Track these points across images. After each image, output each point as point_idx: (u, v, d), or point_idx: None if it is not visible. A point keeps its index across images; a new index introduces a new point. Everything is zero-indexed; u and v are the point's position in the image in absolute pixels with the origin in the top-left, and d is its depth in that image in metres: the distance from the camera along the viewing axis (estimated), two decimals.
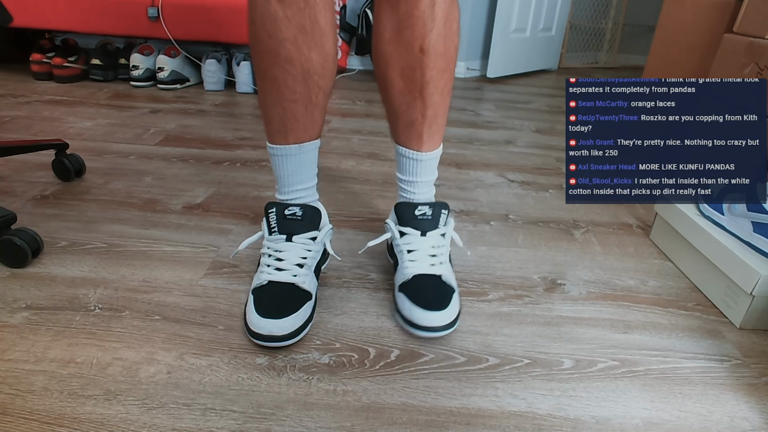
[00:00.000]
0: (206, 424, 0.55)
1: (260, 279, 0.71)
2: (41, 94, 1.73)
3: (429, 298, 0.70)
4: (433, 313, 0.68)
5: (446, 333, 0.69)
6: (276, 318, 0.65)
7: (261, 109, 0.74)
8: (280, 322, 0.65)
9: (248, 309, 0.68)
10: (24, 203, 0.99)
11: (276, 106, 0.71)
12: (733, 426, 0.59)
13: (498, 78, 2.48)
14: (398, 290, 0.73)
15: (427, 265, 0.74)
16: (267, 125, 0.74)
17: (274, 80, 0.68)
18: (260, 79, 0.71)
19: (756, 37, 1.23)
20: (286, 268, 0.71)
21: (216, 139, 1.43)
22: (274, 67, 0.67)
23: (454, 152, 1.45)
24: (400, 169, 0.82)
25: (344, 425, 0.56)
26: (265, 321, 0.65)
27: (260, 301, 0.68)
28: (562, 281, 0.86)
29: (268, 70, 0.68)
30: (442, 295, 0.71)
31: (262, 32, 0.65)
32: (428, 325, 0.68)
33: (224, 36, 1.82)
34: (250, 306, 0.68)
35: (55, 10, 1.79)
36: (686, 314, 0.80)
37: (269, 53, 0.66)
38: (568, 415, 0.59)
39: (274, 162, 0.76)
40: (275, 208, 0.73)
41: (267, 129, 0.74)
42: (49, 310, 0.70)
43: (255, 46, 0.68)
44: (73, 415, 0.55)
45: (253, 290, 0.70)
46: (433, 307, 0.69)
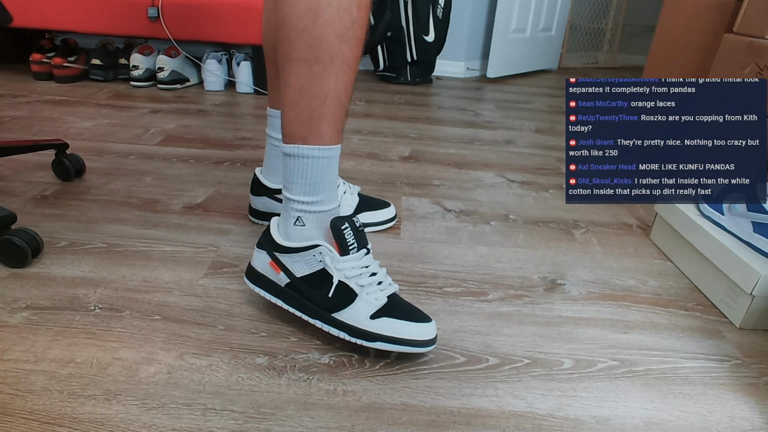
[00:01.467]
0: (206, 424, 0.55)
1: (379, 299, 0.65)
2: (41, 94, 1.73)
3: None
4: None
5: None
6: (426, 321, 0.65)
7: (314, 103, 0.62)
8: (431, 325, 0.66)
9: (397, 326, 0.64)
10: (24, 203, 0.99)
11: (345, 92, 0.63)
12: (733, 426, 0.59)
13: (498, 78, 2.48)
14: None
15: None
16: (323, 120, 0.63)
17: (345, 60, 0.61)
18: (324, 64, 0.61)
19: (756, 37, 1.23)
20: (384, 279, 0.67)
21: (216, 139, 1.43)
22: (343, 44, 0.60)
23: (454, 152, 1.45)
24: None
25: (344, 425, 0.56)
26: (421, 326, 0.64)
27: (404, 313, 0.65)
28: (562, 281, 0.86)
29: (339, 49, 0.60)
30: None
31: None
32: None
33: (224, 36, 1.82)
34: (399, 323, 0.64)
35: (55, 10, 1.78)
36: (686, 314, 0.80)
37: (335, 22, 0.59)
38: (568, 415, 0.59)
39: (318, 168, 0.65)
40: (347, 223, 0.65)
41: (318, 128, 0.64)
42: (49, 310, 0.70)
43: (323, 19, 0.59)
44: (73, 415, 0.55)
45: (385, 306, 0.65)
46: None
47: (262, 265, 0.70)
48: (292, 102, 0.63)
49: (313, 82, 0.61)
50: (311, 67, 0.60)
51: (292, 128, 0.65)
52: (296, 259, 0.66)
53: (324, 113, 0.63)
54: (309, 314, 0.67)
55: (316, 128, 0.63)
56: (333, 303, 0.65)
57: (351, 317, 0.65)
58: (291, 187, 0.67)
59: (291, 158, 0.65)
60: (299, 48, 0.60)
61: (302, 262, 0.66)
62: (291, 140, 0.65)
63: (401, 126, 1.66)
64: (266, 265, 0.69)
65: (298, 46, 0.60)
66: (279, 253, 0.68)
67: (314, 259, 0.65)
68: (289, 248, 0.67)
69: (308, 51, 0.60)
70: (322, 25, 0.58)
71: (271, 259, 0.68)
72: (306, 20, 0.58)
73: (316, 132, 0.63)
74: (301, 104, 0.63)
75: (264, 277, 0.70)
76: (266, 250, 0.69)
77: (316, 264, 0.65)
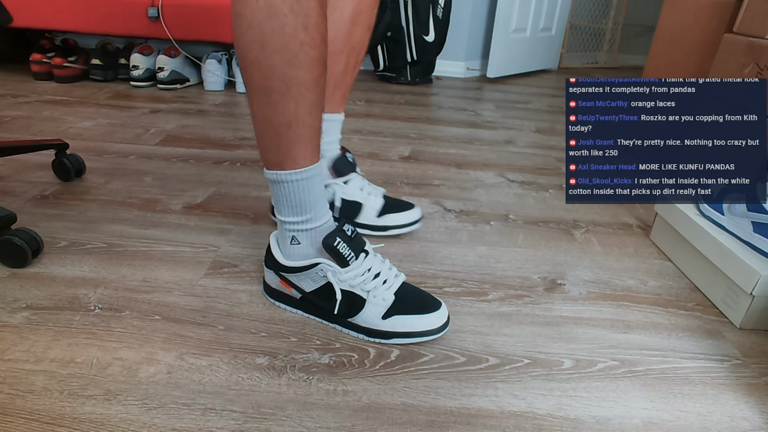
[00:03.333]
0: (206, 424, 0.55)
1: (386, 299, 0.68)
2: (41, 94, 1.73)
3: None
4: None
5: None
6: (435, 310, 0.69)
7: (280, 130, 0.62)
8: (441, 310, 0.69)
9: (410, 322, 0.67)
10: (24, 203, 0.99)
11: (309, 114, 0.62)
12: (733, 426, 0.59)
13: (498, 78, 2.48)
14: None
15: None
16: (294, 145, 0.63)
17: (300, 84, 0.60)
18: (280, 92, 0.60)
19: (756, 37, 1.23)
20: (388, 275, 0.70)
21: (216, 139, 1.43)
22: (295, 69, 0.59)
23: (454, 152, 1.45)
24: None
25: (344, 425, 0.56)
26: (431, 316, 0.68)
27: (413, 306, 0.68)
28: (562, 281, 0.86)
29: (292, 75, 0.59)
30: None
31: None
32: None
33: (224, 36, 1.82)
34: (411, 318, 0.67)
35: (55, 10, 1.78)
36: (686, 314, 0.80)
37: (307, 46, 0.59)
38: (568, 415, 0.59)
39: (300, 190, 0.66)
40: (338, 238, 0.65)
41: (290, 153, 0.63)
42: (49, 310, 0.70)
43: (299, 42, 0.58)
44: (73, 415, 0.55)
45: (394, 304, 0.68)
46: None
47: (274, 283, 0.73)
48: (260, 132, 0.65)
49: (275, 111, 0.61)
50: (269, 97, 0.60)
51: (267, 156, 0.66)
52: (302, 277, 0.69)
53: (293, 138, 0.63)
54: (328, 319, 0.71)
55: (289, 154, 0.64)
56: (345, 311, 0.68)
57: (365, 321, 0.68)
58: (280, 209, 0.69)
59: (273, 184, 0.67)
60: (255, 78, 0.60)
61: (308, 279, 0.69)
62: (269, 167, 0.67)
63: (401, 126, 1.66)
64: (277, 283, 0.72)
65: (255, 76, 0.60)
66: (285, 272, 0.70)
67: (318, 276, 0.68)
68: (292, 268, 0.69)
69: (263, 81, 0.59)
70: (271, 54, 0.57)
71: (279, 278, 0.71)
72: (255, 51, 0.58)
73: (290, 157, 0.64)
74: (269, 133, 0.63)
75: (279, 292, 0.73)
76: (273, 269, 0.72)
77: (320, 279, 0.68)
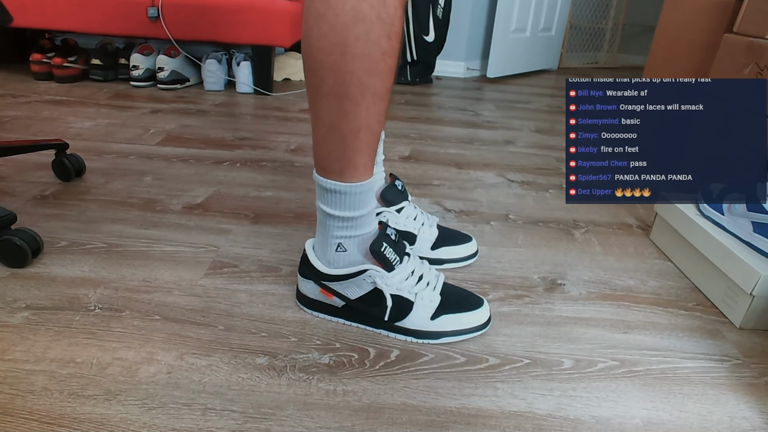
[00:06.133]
0: (206, 424, 0.55)
1: (433, 300, 0.69)
2: (41, 94, 1.73)
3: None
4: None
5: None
6: (479, 306, 0.71)
7: (347, 137, 0.60)
8: (485, 307, 0.72)
9: (458, 320, 0.69)
10: (24, 203, 0.99)
11: (378, 123, 0.61)
12: (733, 426, 0.59)
13: (498, 78, 2.48)
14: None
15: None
16: (357, 154, 0.62)
17: (375, 93, 0.58)
18: (355, 100, 0.58)
19: (756, 37, 1.23)
20: (430, 277, 0.71)
21: (216, 139, 1.43)
22: (373, 77, 0.57)
23: (454, 152, 1.45)
24: None
25: (344, 425, 0.56)
26: (477, 313, 0.70)
27: (458, 304, 0.70)
28: (562, 281, 0.86)
29: (369, 83, 0.58)
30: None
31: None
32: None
33: (224, 36, 1.82)
34: (459, 317, 0.69)
35: (55, 10, 1.78)
36: (686, 314, 0.80)
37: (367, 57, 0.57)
38: (568, 415, 0.59)
39: (356, 200, 0.65)
40: (384, 243, 0.65)
41: (353, 161, 0.62)
42: (49, 310, 0.70)
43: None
44: (73, 415, 0.55)
45: (441, 304, 0.69)
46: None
47: (312, 292, 0.71)
48: (323, 137, 0.62)
49: (345, 118, 0.59)
50: (341, 104, 0.58)
51: (326, 162, 0.63)
52: (347, 284, 0.68)
53: (358, 146, 0.61)
54: (373, 325, 0.71)
55: (351, 162, 0.62)
56: (394, 315, 0.68)
57: (414, 323, 0.68)
58: (330, 215, 0.67)
59: (327, 192, 0.65)
60: (328, 83, 0.58)
61: (354, 286, 0.68)
62: (326, 174, 0.64)
63: (401, 126, 1.66)
64: (317, 293, 0.71)
65: (327, 81, 0.58)
66: (328, 281, 0.69)
67: (365, 282, 0.67)
68: (337, 276, 0.68)
69: (338, 86, 0.57)
70: (351, 60, 0.55)
71: (320, 288, 0.70)
72: (334, 55, 0.56)
73: (352, 165, 0.62)
74: (334, 140, 0.61)
75: (318, 302, 0.72)
76: (312, 279, 0.70)
77: (367, 285, 0.67)
